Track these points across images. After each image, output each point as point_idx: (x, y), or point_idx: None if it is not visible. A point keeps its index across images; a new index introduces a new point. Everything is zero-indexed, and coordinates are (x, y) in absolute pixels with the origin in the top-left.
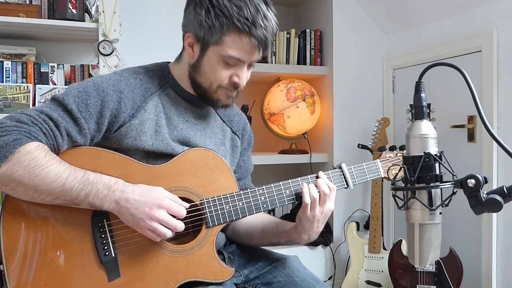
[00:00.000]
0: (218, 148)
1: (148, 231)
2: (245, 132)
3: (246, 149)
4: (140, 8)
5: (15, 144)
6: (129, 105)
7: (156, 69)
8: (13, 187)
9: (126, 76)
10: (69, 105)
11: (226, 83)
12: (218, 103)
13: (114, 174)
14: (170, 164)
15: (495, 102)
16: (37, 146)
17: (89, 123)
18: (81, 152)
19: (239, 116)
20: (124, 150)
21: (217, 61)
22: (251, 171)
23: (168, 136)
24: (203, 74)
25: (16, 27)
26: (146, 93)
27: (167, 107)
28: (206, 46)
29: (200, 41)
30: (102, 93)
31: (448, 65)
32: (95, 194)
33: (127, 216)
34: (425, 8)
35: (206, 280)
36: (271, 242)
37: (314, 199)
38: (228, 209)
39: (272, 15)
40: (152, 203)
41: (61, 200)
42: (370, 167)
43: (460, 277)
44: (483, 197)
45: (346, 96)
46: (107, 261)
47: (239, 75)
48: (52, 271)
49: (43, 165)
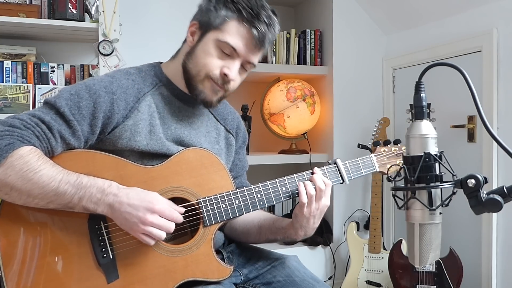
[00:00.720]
0: (213, 146)
1: (142, 235)
2: (239, 131)
3: (241, 147)
4: (140, 8)
5: (8, 149)
6: (122, 106)
7: (148, 69)
8: (6, 192)
9: (118, 77)
10: (61, 108)
11: (215, 74)
12: (200, 95)
13: (109, 176)
14: (165, 165)
15: (495, 102)
16: (29, 150)
17: (82, 125)
18: (76, 155)
19: (232, 114)
20: (119, 152)
21: (212, 46)
22: (246, 169)
23: (163, 136)
24: (195, 59)
25: (16, 27)
26: (139, 93)
27: (161, 107)
28: (207, 30)
29: (203, 27)
30: (94, 95)
31: (448, 65)
32: (88, 198)
33: (121, 220)
34: (425, 8)
35: (204, 279)
36: (268, 238)
37: (311, 196)
38: (225, 208)
39: (276, 21)
40: (145, 207)
41: (55, 204)
42: (365, 162)
43: (460, 277)
44: (483, 197)
45: (346, 96)
46: (105, 263)
47: (230, 67)
48: (50, 275)
49: (36, 169)
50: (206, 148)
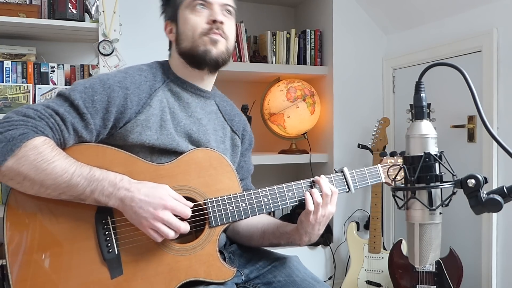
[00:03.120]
0: (219, 146)
1: (150, 231)
2: (245, 133)
3: (247, 150)
4: (140, 8)
5: (22, 138)
6: (135, 101)
7: (157, 66)
8: (19, 181)
9: (131, 73)
10: (75, 100)
11: (205, 27)
12: (206, 55)
13: (118, 171)
14: (174, 163)
15: (495, 102)
16: (43, 140)
17: (95, 119)
18: (86, 149)
19: (239, 116)
20: (129, 147)
21: (188, 13)
22: (251, 172)
23: (173, 131)
24: (184, 34)
25: (16, 27)
26: (151, 89)
27: (171, 102)
28: (176, 13)
29: (172, 16)
30: (108, 89)
31: (448, 65)
32: (100, 191)
33: (131, 214)
34: (425, 8)
35: (207, 279)
36: (272, 243)
37: (318, 203)
38: (232, 210)
39: None
40: (157, 203)
41: (67, 195)
42: (372, 172)
43: (460, 277)
44: (483, 197)
45: (346, 96)
46: (110, 258)
47: (212, 14)
48: (54, 266)
49: (50, 160)
50: (215, 148)
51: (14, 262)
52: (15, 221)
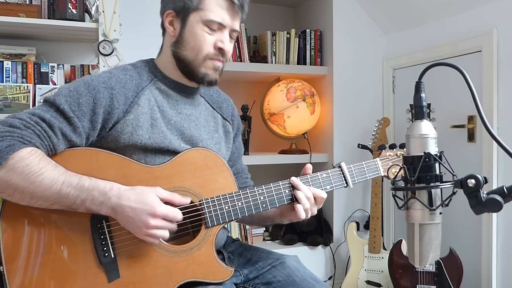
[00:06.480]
0: (212, 136)
1: (146, 237)
2: (234, 118)
3: (237, 135)
4: (140, 8)
5: (8, 151)
6: (121, 100)
7: (142, 65)
8: (9, 193)
9: (115, 73)
10: (61, 105)
11: (212, 52)
12: (205, 78)
13: (112, 174)
14: (169, 164)
15: (495, 102)
16: (30, 151)
17: (82, 122)
18: (79, 153)
19: (226, 102)
20: (122, 149)
21: (199, 28)
22: (242, 153)
23: (165, 129)
24: (187, 45)
25: (16, 27)
26: (138, 88)
27: (159, 101)
28: (187, 14)
29: (180, 13)
30: (93, 90)
31: (448, 65)
32: (91, 200)
33: (124, 222)
34: (425, 8)
35: (205, 280)
36: (260, 224)
37: (306, 209)
38: (228, 209)
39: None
40: (147, 212)
41: (58, 205)
42: (370, 166)
43: (460, 277)
44: (483, 197)
45: (346, 96)
46: (106, 262)
47: (223, 40)
48: (51, 272)
49: (38, 172)
50: (209, 141)
51: (11, 269)
52: (11, 228)
